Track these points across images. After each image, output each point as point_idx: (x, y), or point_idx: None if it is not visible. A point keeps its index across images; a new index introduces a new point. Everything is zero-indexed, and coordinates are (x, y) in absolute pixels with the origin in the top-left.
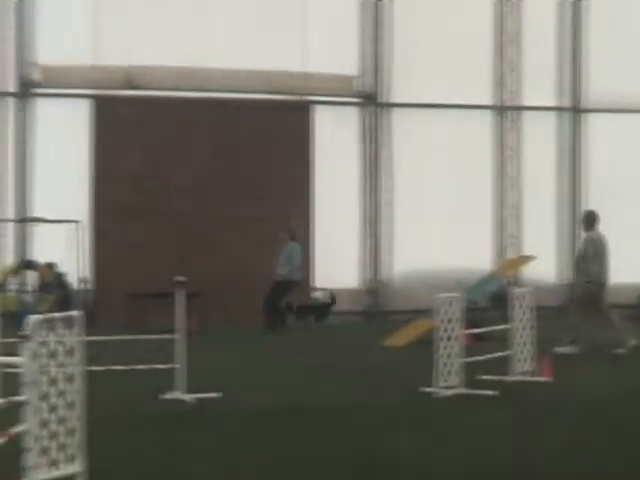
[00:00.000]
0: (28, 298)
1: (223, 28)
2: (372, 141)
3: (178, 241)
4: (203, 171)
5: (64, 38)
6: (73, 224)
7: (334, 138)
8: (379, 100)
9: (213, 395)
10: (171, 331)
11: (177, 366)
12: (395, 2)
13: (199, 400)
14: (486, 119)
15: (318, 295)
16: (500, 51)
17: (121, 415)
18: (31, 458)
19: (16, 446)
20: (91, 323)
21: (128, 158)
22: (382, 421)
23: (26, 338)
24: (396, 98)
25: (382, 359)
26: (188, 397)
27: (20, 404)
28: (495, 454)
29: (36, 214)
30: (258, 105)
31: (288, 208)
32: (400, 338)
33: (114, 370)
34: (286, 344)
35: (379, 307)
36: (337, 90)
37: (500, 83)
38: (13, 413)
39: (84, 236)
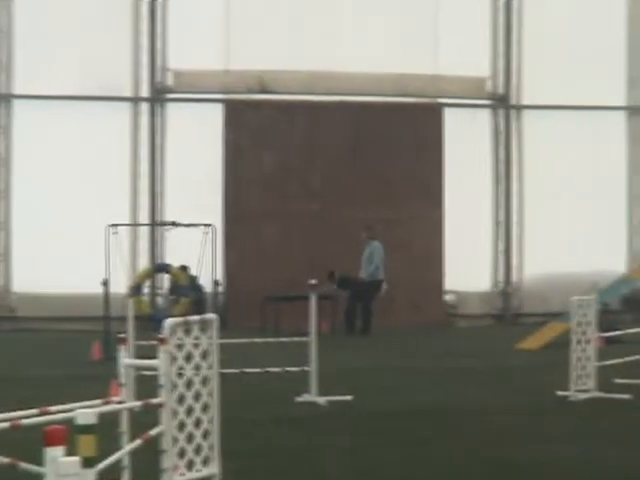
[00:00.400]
0: (162, 301)
1: (354, 31)
2: (503, 143)
3: (309, 243)
4: (334, 173)
5: (196, 43)
6: (205, 227)
7: (465, 140)
8: (510, 102)
9: (345, 397)
10: (303, 334)
11: (310, 369)
12: (526, 3)
13: (331, 402)
14: (620, 120)
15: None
16: (635, 51)
17: (256, 417)
18: (168, 460)
19: (153, 448)
20: (224, 326)
21: (259, 162)
22: (519, 424)
23: (163, 341)
24: (527, 100)
25: (517, 362)
26: (321, 399)
27: (156, 406)
28: (632, 460)
29: (168, 218)
30: (389, 107)
31: (419, 210)
32: (534, 341)
33: (248, 372)
34: (417, 346)
35: (511, 310)
36: (468, 92)
37: (634, 83)
38: (149, 415)
39: (216, 239)
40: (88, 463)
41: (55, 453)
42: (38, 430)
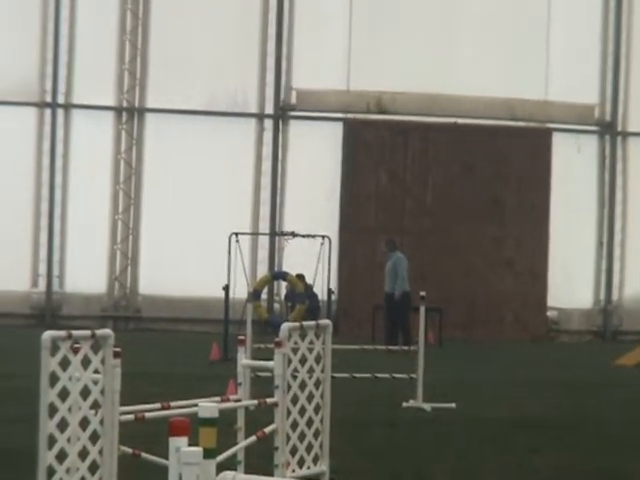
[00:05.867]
0: (279, 307)
1: (468, 56)
2: (609, 168)
3: (420, 258)
4: (445, 192)
5: (319, 64)
6: (321, 239)
7: (572, 164)
8: (617, 129)
9: (450, 405)
10: (411, 343)
11: (416, 376)
12: (635, 33)
13: (436, 409)
14: None
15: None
16: None
17: (364, 419)
18: (280, 456)
19: (268, 444)
20: (335, 333)
21: (375, 178)
22: (613, 438)
23: (279, 344)
24: (633, 127)
25: (613, 377)
26: (426, 406)
27: (271, 406)
28: None
29: (287, 229)
30: (500, 131)
31: (526, 229)
32: (632, 357)
33: (357, 377)
34: (520, 359)
35: (610, 327)
36: (576, 118)
37: None
38: (266, 414)
39: (331, 250)
40: (209, 454)
41: (179, 443)
42: (160, 424)
